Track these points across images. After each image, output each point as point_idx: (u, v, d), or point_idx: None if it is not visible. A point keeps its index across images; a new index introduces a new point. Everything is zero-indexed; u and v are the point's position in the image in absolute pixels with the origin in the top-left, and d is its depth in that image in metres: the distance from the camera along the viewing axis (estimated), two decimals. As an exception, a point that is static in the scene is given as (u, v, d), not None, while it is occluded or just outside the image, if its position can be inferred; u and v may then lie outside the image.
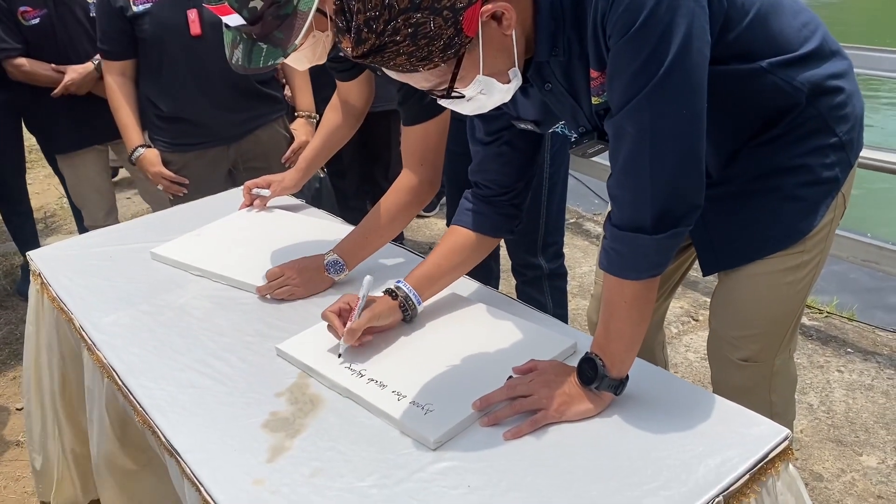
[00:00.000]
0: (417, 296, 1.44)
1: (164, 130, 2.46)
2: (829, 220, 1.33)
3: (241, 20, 1.36)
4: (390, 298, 1.42)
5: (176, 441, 1.22)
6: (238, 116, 2.45)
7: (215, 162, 2.50)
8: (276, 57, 1.38)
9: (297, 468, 1.15)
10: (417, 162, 1.61)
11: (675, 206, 1.08)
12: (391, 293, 1.43)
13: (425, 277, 1.45)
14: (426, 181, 1.62)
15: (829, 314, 2.96)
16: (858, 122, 1.32)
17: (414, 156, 1.61)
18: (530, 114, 1.28)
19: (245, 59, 1.40)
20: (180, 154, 2.47)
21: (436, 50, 0.97)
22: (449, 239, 1.47)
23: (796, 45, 1.21)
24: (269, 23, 1.36)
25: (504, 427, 1.19)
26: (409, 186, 1.63)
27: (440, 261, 1.46)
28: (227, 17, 1.37)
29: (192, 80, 2.35)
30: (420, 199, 1.65)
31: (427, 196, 1.65)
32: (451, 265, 1.47)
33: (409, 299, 1.43)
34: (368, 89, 1.87)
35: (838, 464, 2.19)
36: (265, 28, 1.37)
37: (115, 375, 1.42)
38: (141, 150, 2.47)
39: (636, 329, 1.18)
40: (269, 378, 1.37)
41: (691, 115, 1.04)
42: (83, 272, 1.80)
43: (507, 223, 1.45)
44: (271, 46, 1.37)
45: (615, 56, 1.03)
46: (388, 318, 1.41)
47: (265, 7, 1.35)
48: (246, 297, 1.65)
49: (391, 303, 1.42)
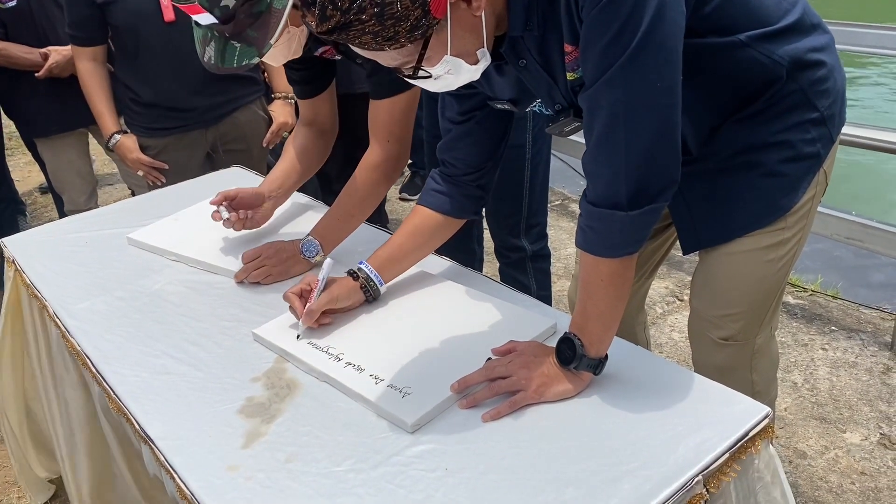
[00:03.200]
0: (379, 277, 1.43)
1: (140, 115, 2.43)
2: (811, 196, 1.32)
3: (213, 19, 1.31)
4: (351, 280, 1.43)
5: (150, 428, 1.21)
6: (215, 100, 2.42)
7: (193, 145, 2.47)
8: (251, 56, 1.34)
9: (272, 454, 1.13)
10: (384, 137, 1.58)
11: (652, 181, 1.07)
12: (352, 274, 1.43)
13: (387, 259, 1.45)
14: (393, 157, 1.59)
15: (814, 292, 2.96)
16: (840, 96, 1.30)
17: (382, 130, 1.58)
18: (506, 93, 1.25)
19: (218, 57, 1.36)
20: (158, 139, 2.44)
21: (402, 30, 0.95)
22: (412, 220, 1.46)
23: (776, 18, 1.19)
24: (241, 21, 1.32)
25: (483, 409, 1.18)
26: (377, 163, 1.60)
27: (403, 241, 1.46)
28: (198, 16, 1.32)
29: (167, 66, 2.32)
30: (388, 176, 1.62)
31: (395, 172, 1.62)
32: (413, 246, 1.46)
33: (370, 280, 1.43)
34: (333, 107, 1.81)
35: (822, 441, 2.19)
36: (238, 27, 1.32)
37: (88, 362, 1.39)
38: (117, 136, 2.45)
39: (614, 308, 1.16)
40: (246, 363, 1.35)
41: (666, 88, 1.02)
42: (58, 258, 1.77)
43: (471, 205, 1.44)
44: (245, 45, 1.33)
45: (588, 28, 1.00)
46: (348, 299, 1.41)
47: (238, 5, 1.30)
48: (223, 282, 1.63)
49: (352, 284, 1.42)
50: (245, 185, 2.03)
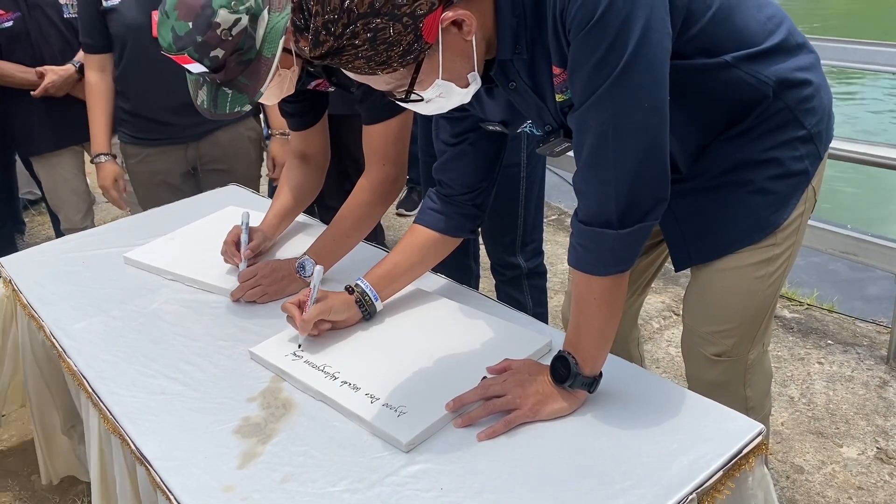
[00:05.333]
0: (375, 292, 1.45)
1: (126, 122, 2.47)
2: (800, 212, 1.33)
3: (204, 68, 1.34)
4: (347, 293, 1.45)
5: (146, 449, 1.21)
6: (194, 119, 2.37)
7: (174, 160, 2.48)
8: (243, 103, 1.37)
9: (268, 474, 1.14)
10: (380, 161, 1.59)
11: (641, 199, 1.08)
12: (349, 290, 1.45)
13: (384, 276, 1.47)
14: (389, 179, 1.60)
15: (810, 306, 2.97)
16: (826, 114, 1.32)
17: (376, 154, 1.59)
18: (497, 115, 1.27)
19: (210, 103, 1.39)
20: (140, 147, 2.47)
21: (395, 55, 0.97)
22: (409, 238, 1.48)
23: (761, 39, 1.21)
24: (232, 69, 1.35)
25: (478, 427, 1.18)
26: (373, 185, 1.61)
27: (399, 259, 1.48)
28: (189, 65, 1.35)
29: (149, 81, 2.34)
30: (385, 198, 1.63)
31: (392, 194, 1.64)
32: (410, 264, 1.48)
33: (365, 295, 1.45)
34: (325, 139, 1.83)
35: (819, 456, 2.19)
36: (229, 74, 1.36)
37: (85, 383, 1.40)
38: (102, 158, 2.49)
39: (607, 325, 1.17)
40: (242, 383, 1.35)
41: (653, 108, 1.03)
42: (55, 278, 1.78)
43: (468, 224, 1.46)
44: (237, 92, 1.36)
45: (575, 50, 1.02)
46: (342, 312, 1.43)
47: (227, 55, 1.33)
48: (219, 301, 1.63)
49: (347, 298, 1.44)
50: (241, 203, 2.06)
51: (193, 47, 1.31)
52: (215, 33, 1.31)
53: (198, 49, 1.31)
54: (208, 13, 1.30)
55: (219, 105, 1.38)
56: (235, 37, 1.32)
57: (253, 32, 1.34)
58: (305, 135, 1.79)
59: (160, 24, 1.35)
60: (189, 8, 1.31)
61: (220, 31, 1.31)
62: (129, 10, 2.26)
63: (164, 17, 1.34)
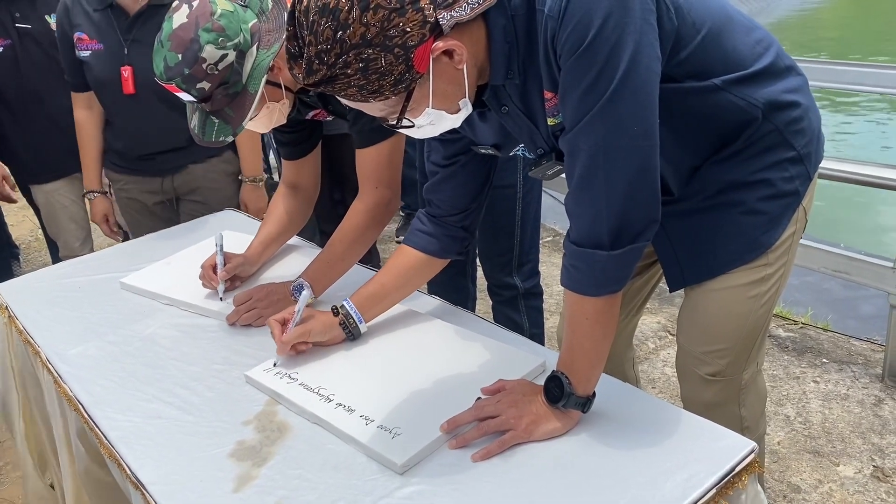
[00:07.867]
0: (359, 314, 1.46)
1: (108, 152, 2.51)
2: (791, 232, 1.35)
3: (192, 97, 1.38)
4: (332, 315, 1.46)
5: (141, 473, 1.21)
6: (171, 154, 2.41)
7: (152, 190, 2.49)
8: (227, 134, 1.41)
9: (263, 497, 1.14)
10: (373, 184, 1.60)
11: (632, 221, 1.09)
12: (334, 310, 1.47)
13: (369, 296, 1.48)
14: (383, 202, 1.61)
15: (804, 325, 2.98)
16: (816, 135, 1.34)
17: (370, 178, 1.60)
18: (489, 138, 1.29)
19: (200, 129, 1.43)
20: (121, 175, 2.50)
21: (387, 84, 0.99)
22: (396, 259, 1.49)
23: (749, 62, 1.23)
24: (219, 100, 1.39)
25: (472, 449, 1.18)
26: (367, 208, 1.62)
27: (386, 280, 1.49)
28: (179, 94, 1.39)
29: (124, 130, 2.38)
30: (379, 221, 1.64)
31: (386, 216, 1.65)
32: (396, 285, 1.49)
33: (349, 317, 1.46)
34: (317, 169, 1.85)
35: (816, 475, 2.19)
36: (216, 105, 1.40)
37: (80, 408, 1.40)
38: (93, 195, 2.54)
39: (600, 345, 1.18)
40: (237, 406, 1.36)
41: (643, 131, 1.05)
42: (51, 304, 1.78)
43: (455, 245, 1.47)
44: (222, 122, 1.40)
45: (566, 75, 1.04)
46: (324, 334, 1.45)
47: (213, 87, 1.37)
48: (214, 325, 1.64)
49: (331, 320, 1.46)
50: (238, 228, 2.07)
51: (181, 78, 1.35)
52: (201, 67, 1.34)
53: (185, 81, 1.36)
54: (195, 48, 1.34)
55: (206, 133, 1.42)
56: (221, 71, 1.36)
57: (240, 68, 1.38)
58: (298, 164, 1.82)
59: (155, 52, 1.38)
60: (180, 41, 1.35)
61: (206, 65, 1.35)
62: (99, 63, 2.27)
63: (159, 45, 1.37)
